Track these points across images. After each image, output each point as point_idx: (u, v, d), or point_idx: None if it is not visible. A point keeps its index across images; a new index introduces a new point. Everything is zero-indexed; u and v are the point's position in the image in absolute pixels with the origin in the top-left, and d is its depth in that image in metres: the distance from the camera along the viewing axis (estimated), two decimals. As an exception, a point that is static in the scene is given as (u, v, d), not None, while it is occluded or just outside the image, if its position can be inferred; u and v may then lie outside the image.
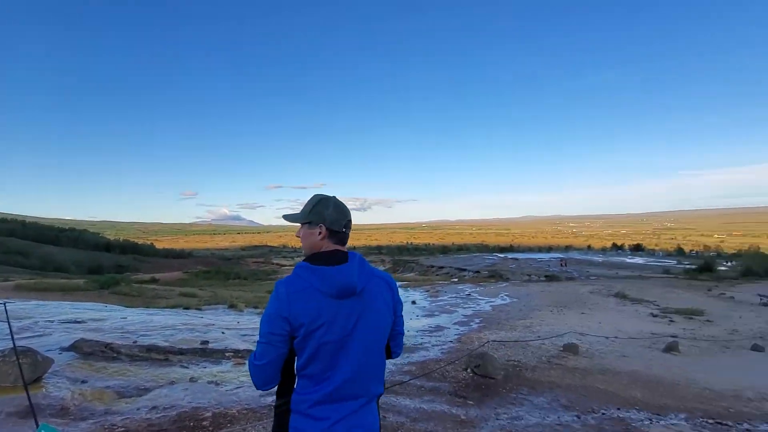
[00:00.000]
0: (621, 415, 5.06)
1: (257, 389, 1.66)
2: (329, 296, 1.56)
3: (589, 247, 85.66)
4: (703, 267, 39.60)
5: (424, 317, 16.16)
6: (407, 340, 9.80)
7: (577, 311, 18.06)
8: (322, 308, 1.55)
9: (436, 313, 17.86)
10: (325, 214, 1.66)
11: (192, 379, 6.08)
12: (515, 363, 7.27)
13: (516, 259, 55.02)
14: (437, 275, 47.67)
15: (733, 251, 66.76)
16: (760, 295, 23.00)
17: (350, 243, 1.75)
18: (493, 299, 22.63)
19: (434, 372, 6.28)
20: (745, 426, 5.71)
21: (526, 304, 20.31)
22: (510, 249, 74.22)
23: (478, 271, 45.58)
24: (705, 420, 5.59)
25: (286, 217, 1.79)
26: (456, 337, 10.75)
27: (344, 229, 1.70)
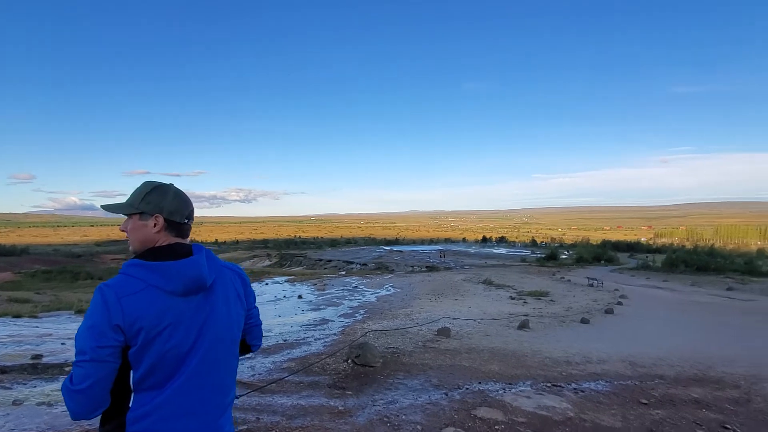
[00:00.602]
0: (481, 388, 5.65)
1: (78, 419, 1.31)
2: (174, 294, 1.34)
3: (464, 239, 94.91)
4: (549, 256, 47.10)
5: (310, 311, 15.98)
6: (290, 336, 9.54)
7: (451, 298, 19.81)
8: (166, 309, 1.35)
9: (323, 306, 17.81)
10: (163, 204, 1.44)
11: (16, 402, 4.96)
12: (394, 350, 7.61)
13: (401, 251, 58.03)
14: (325, 268, 47.60)
15: (571, 242, 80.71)
16: (588, 278, 28.21)
17: (234, 236, 1.55)
18: (378, 290, 23.48)
19: (314, 366, 6.21)
20: (573, 386, 6.91)
21: (408, 293, 21.55)
22: (396, 242, 78.00)
23: (365, 264, 46.84)
24: (545, 384, 6.60)
25: (107, 207, 1.49)
26: (340, 329, 10.85)
27: (186, 221, 1.50)
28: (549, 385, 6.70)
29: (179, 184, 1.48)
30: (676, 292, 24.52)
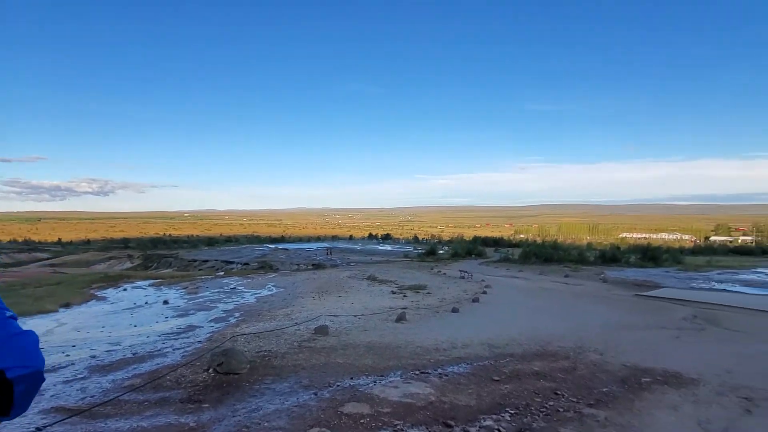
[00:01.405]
0: (352, 384, 5.61)
1: None
2: None
3: (351, 236, 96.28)
4: (429, 251, 50.61)
5: (176, 318, 14.31)
6: (143, 349, 8.32)
7: (335, 295, 19.77)
8: None
9: (192, 311, 16.14)
10: None
11: None
12: (265, 353, 7.17)
13: (287, 249, 56.24)
14: (200, 270, 43.55)
15: (449, 239, 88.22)
16: (460, 271, 30.97)
17: (85, 234, 1.06)
18: (259, 291, 22.27)
19: (166, 380, 5.45)
20: (439, 371, 7.39)
21: (292, 292, 20.88)
22: (281, 239, 75.29)
23: (247, 263, 44.13)
24: (414, 372, 6.92)
25: None
26: (208, 335, 9.88)
27: None
28: (417, 372, 7.04)
29: (8, 172, 0.94)
30: (528, 281, 28.51)
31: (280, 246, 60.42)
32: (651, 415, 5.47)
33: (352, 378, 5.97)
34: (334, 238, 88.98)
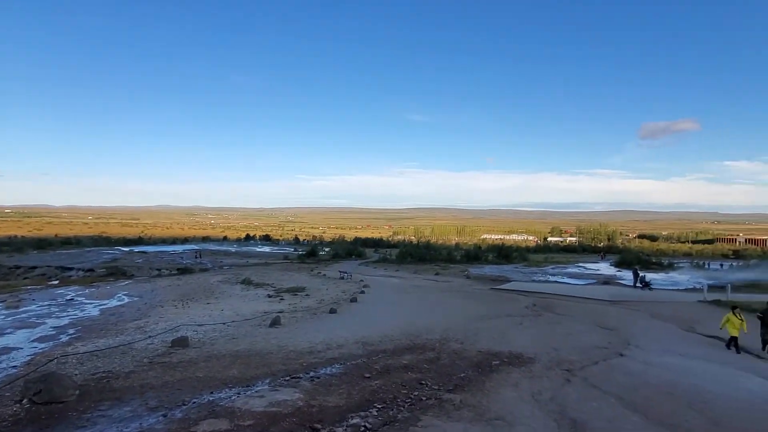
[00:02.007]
0: (211, 398, 5.10)
1: None
2: None
3: (225, 237, 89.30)
4: (309, 253, 49.90)
5: (-19, 340, 11.26)
6: None
7: (203, 302, 17.99)
8: None
9: (9, 330, 12.97)
10: None
11: None
12: (104, 374, 6.07)
13: (145, 252, 49.32)
14: (26, 278, 35.28)
15: (330, 240, 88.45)
16: (340, 271, 31.22)
17: None
18: (106, 301, 18.99)
19: (-53, 423, 4.17)
20: (311, 374, 7.23)
21: (149, 301, 18.32)
22: (139, 241, 65.76)
23: (91, 269, 37.30)
24: (284, 378, 6.63)
25: None
26: (27, 359, 7.98)
27: None
28: (288, 378, 6.76)
29: None
30: (404, 279, 30.22)
31: (137, 249, 52.72)
32: (498, 393, 6.20)
33: (212, 392, 5.43)
34: (206, 239, 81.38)
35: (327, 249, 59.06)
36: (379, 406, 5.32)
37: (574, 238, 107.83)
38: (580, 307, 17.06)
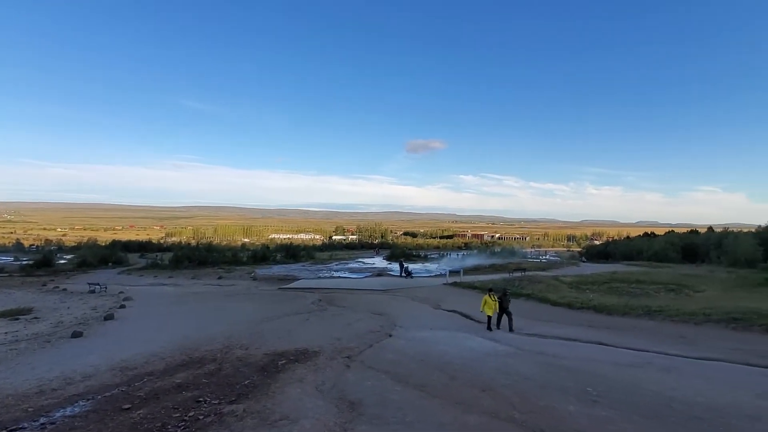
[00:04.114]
0: None
1: None
2: None
3: None
4: (41, 262, 38.03)
5: None
6: None
7: None
8: None
9: None
10: None
11: None
12: None
13: None
14: None
15: (74, 244, 69.84)
16: (89, 283, 25.08)
17: None
18: None
19: None
20: (42, 420, 5.47)
21: None
22: None
23: None
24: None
25: None
26: None
27: None
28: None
29: None
30: (179, 287, 26.64)
31: None
32: (283, 392, 6.17)
33: None
34: None
35: (70, 256, 46.45)
36: (143, 440, 4.47)
37: (355, 236, 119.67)
38: (359, 298, 18.98)
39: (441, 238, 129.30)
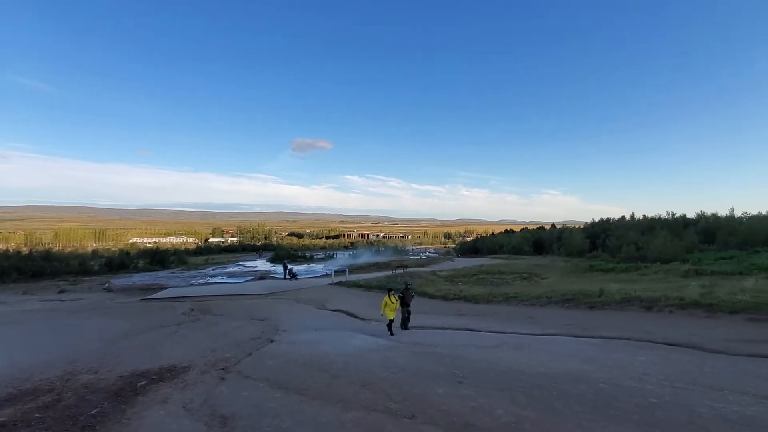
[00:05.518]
0: None
1: None
2: None
3: None
4: None
5: None
6: None
7: None
8: None
9: None
10: None
11: None
12: None
13: None
14: None
15: None
16: None
17: None
18: None
19: None
20: None
21: None
22: None
23: None
24: None
25: None
26: None
27: None
28: None
29: None
30: (5, 304, 21.50)
31: None
32: (141, 418, 5.42)
33: None
34: None
35: None
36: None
37: (235, 238, 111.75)
38: (238, 304, 17.79)
39: (327, 238, 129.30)
